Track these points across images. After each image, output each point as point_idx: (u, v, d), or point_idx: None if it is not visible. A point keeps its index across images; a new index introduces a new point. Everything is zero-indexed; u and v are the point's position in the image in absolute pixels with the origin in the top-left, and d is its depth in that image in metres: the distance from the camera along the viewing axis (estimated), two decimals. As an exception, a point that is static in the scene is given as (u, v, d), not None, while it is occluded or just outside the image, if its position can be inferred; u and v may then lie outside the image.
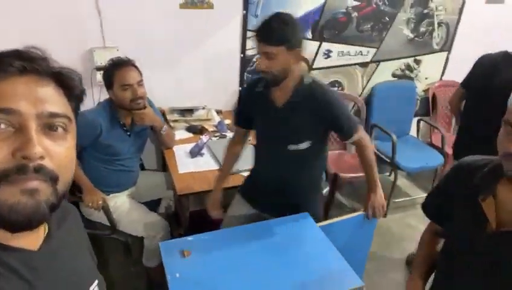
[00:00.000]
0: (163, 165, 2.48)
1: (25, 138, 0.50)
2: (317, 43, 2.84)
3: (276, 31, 1.35)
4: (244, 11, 2.54)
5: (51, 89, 0.55)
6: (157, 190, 2.35)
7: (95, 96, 2.35)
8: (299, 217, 1.63)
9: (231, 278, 1.29)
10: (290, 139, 1.54)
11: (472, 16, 3.15)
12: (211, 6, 2.47)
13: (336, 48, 2.89)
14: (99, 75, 2.25)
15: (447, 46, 3.25)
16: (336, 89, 3.05)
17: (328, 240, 1.50)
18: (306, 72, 2.38)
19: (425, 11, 3.01)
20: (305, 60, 2.83)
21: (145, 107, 1.97)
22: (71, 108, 0.58)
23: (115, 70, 1.88)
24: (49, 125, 0.53)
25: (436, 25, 3.12)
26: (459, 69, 3.30)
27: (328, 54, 2.90)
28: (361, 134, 1.57)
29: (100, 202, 1.90)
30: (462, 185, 0.99)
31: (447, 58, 3.31)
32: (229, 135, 2.43)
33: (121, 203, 2.07)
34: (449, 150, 3.05)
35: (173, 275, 1.28)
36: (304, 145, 1.53)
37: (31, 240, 0.57)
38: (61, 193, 0.54)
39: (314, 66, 2.91)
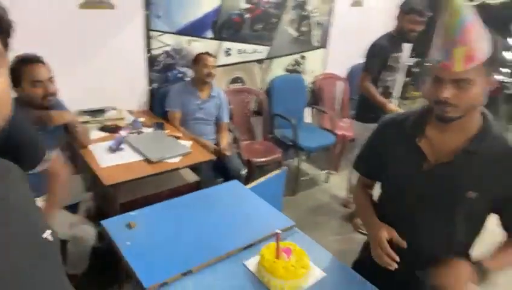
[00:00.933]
0: (75, 167, 2.39)
1: None
2: (218, 42, 3.07)
3: None
4: (146, 12, 2.64)
5: None
6: (74, 193, 2.27)
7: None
8: (230, 184, 1.81)
9: (178, 239, 1.39)
10: None
11: (341, 17, 3.77)
12: (111, 6, 2.51)
13: (235, 46, 3.17)
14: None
15: (324, 43, 3.81)
16: (238, 84, 3.32)
17: (258, 196, 1.71)
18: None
19: (304, 13, 3.51)
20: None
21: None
22: (1, 43, 0.59)
23: (23, 67, 1.80)
24: None
25: (313, 25, 3.65)
26: (336, 62, 3.93)
27: (228, 52, 3.16)
28: None
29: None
30: (394, 136, 1.18)
31: (326, 54, 3.87)
32: (146, 131, 2.49)
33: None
34: (338, 130, 3.58)
35: (124, 244, 1.33)
36: None
37: None
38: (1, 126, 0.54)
39: (217, 64, 3.14)
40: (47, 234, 0.64)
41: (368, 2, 3.94)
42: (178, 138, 2.47)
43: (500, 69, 5.66)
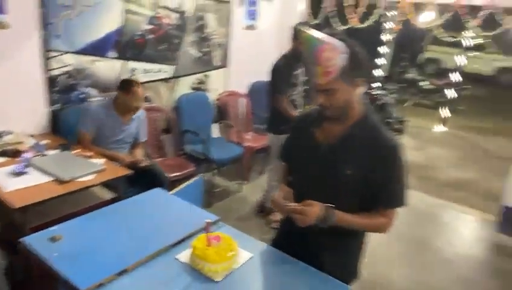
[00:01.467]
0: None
1: None
2: (122, 62, 3.09)
3: None
4: (44, 32, 2.56)
5: None
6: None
7: None
8: (153, 191, 1.87)
9: (109, 243, 1.43)
10: None
11: (237, 39, 4.09)
12: (4, 26, 2.38)
13: (140, 66, 3.22)
14: None
15: (224, 63, 4.08)
16: (145, 103, 3.36)
17: (182, 199, 1.81)
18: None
19: (204, 35, 3.74)
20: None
21: None
22: None
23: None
24: None
25: (214, 47, 3.90)
26: (237, 80, 4.23)
27: (134, 72, 3.20)
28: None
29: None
30: (301, 129, 1.47)
31: (227, 73, 4.15)
32: (50, 153, 2.38)
33: None
34: (245, 143, 3.84)
35: (51, 255, 1.31)
36: None
37: None
38: None
39: (122, 84, 3.14)
40: None
41: (260, 25, 4.35)
42: (89, 157, 2.42)
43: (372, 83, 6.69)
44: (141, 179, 2.61)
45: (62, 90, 2.78)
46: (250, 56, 4.08)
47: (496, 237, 3.44)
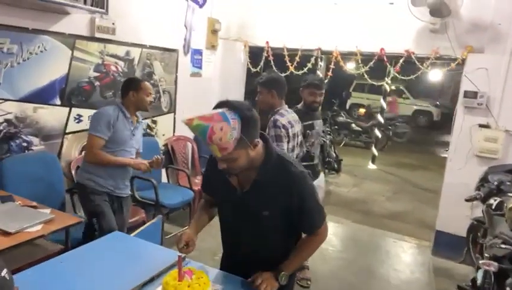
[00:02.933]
0: None
1: None
2: (66, 109, 3.03)
3: None
4: (-16, 78, 2.46)
5: None
6: None
7: None
8: (112, 235, 1.82)
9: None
10: None
11: (184, 85, 4.22)
12: None
13: (85, 112, 3.16)
14: None
15: (172, 108, 4.16)
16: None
17: (144, 240, 1.78)
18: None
19: (152, 81, 3.81)
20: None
21: None
22: None
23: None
24: None
25: (162, 93, 3.97)
26: (184, 125, 4.29)
27: (79, 119, 3.13)
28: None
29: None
30: (215, 171, 1.44)
31: (174, 118, 4.21)
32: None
33: None
34: (195, 186, 3.85)
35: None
36: None
37: None
38: None
39: (67, 131, 3.06)
40: (4, 273, 0.70)
41: (205, 73, 4.55)
42: (35, 207, 2.28)
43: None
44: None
45: (2, 139, 2.63)
46: (196, 102, 4.20)
47: (432, 261, 3.74)
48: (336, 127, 9.17)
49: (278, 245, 1.53)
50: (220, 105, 1.32)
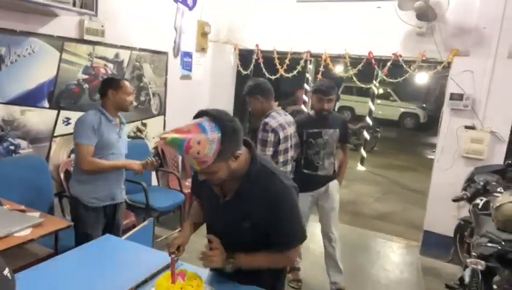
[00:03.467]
0: None
1: None
2: (55, 112, 2.99)
3: None
4: (-29, 81, 2.42)
5: None
6: None
7: None
8: (103, 238, 1.81)
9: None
10: None
11: (173, 88, 4.21)
12: None
13: (74, 115, 3.12)
14: None
15: (162, 111, 4.14)
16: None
17: (135, 243, 1.78)
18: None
19: (142, 84, 3.80)
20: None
21: None
22: None
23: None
24: None
25: (151, 95, 3.96)
26: (174, 128, 4.28)
27: (67, 121, 3.10)
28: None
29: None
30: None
31: (164, 121, 4.19)
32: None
33: None
34: (185, 189, 3.83)
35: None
36: None
37: None
38: None
39: (55, 134, 3.02)
40: (6, 272, 0.69)
41: (195, 75, 4.55)
42: (23, 211, 2.24)
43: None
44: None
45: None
46: (185, 104, 4.20)
47: (420, 260, 3.80)
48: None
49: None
50: (199, 115, 1.26)
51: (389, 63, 3.96)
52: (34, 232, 2.04)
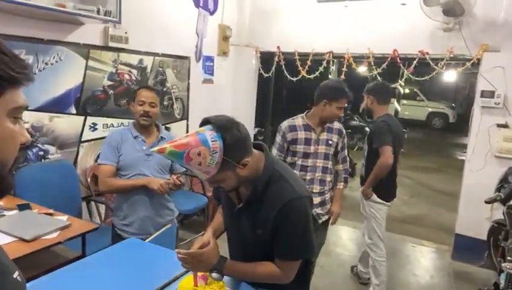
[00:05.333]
0: None
1: None
2: (81, 118, 3.07)
3: None
4: None
5: None
6: None
7: None
8: (127, 241, 1.82)
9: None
10: None
11: (196, 92, 4.25)
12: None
13: (100, 121, 3.21)
14: None
15: (185, 115, 4.18)
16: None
17: (158, 246, 1.78)
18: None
19: (165, 89, 3.85)
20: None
21: None
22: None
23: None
24: None
25: (174, 100, 4.00)
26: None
27: (94, 127, 3.17)
28: None
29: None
30: None
31: (187, 125, 4.23)
32: (8, 214, 2.24)
33: None
34: (208, 192, 3.84)
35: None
36: None
37: None
38: None
39: (82, 139, 3.10)
40: (16, 275, 0.67)
41: (217, 79, 4.57)
42: (51, 214, 2.30)
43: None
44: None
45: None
46: (208, 108, 4.21)
47: (452, 265, 3.65)
48: (349, 131, 9.09)
49: None
50: (203, 123, 1.23)
51: (415, 62, 3.85)
52: (62, 235, 2.09)
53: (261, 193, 1.31)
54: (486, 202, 2.88)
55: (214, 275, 1.31)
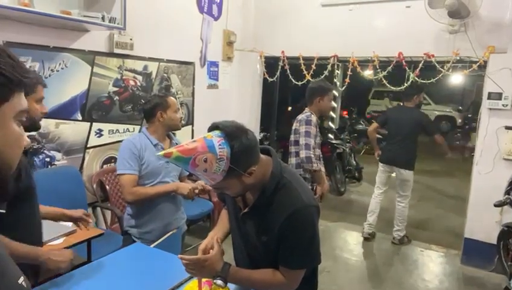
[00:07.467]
0: None
1: None
2: (87, 124, 3.09)
3: None
4: (9, 96, 2.54)
5: None
6: None
7: None
8: (133, 246, 1.82)
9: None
10: None
11: (201, 97, 4.26)
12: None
13: (106, 127, 3.22)
14: None
15: (190, 120, 4.19)
16: (112, 164, 3.31)
17: (164, 251, 1.77)
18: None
19: (169, 94, 3.86)
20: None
21: None
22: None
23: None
24: None
25: (179, 105, 4.01)
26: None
27: (100, 133, 3.19)
28: None
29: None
30: None
31: (192, 130, 4.24)
32: (15, 218, 2.25)
33: None
34: (214, 198, 3.83)
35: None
36: None
37: None
38: None
39: (88, 145, 3.11)
40: (21, 280, 0.67)
41: (221, 84, 4.58)
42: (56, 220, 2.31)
43: (329, 135, 7.07)
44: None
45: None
46: (213, 113, 4.23)
47: (461, 269, 3.59)
48: (356, 135, 9.05)
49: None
50: (211, 128, 1.21)
51: (420, 64, 3.82)
52: (67, 240, 2.10)
53: (267, 200, 1.28)
54: (496, 205, 2.84)
55: (218, 281, 1.29)
